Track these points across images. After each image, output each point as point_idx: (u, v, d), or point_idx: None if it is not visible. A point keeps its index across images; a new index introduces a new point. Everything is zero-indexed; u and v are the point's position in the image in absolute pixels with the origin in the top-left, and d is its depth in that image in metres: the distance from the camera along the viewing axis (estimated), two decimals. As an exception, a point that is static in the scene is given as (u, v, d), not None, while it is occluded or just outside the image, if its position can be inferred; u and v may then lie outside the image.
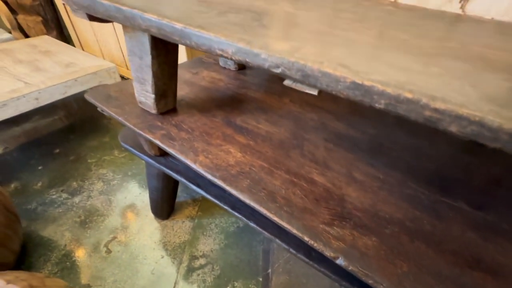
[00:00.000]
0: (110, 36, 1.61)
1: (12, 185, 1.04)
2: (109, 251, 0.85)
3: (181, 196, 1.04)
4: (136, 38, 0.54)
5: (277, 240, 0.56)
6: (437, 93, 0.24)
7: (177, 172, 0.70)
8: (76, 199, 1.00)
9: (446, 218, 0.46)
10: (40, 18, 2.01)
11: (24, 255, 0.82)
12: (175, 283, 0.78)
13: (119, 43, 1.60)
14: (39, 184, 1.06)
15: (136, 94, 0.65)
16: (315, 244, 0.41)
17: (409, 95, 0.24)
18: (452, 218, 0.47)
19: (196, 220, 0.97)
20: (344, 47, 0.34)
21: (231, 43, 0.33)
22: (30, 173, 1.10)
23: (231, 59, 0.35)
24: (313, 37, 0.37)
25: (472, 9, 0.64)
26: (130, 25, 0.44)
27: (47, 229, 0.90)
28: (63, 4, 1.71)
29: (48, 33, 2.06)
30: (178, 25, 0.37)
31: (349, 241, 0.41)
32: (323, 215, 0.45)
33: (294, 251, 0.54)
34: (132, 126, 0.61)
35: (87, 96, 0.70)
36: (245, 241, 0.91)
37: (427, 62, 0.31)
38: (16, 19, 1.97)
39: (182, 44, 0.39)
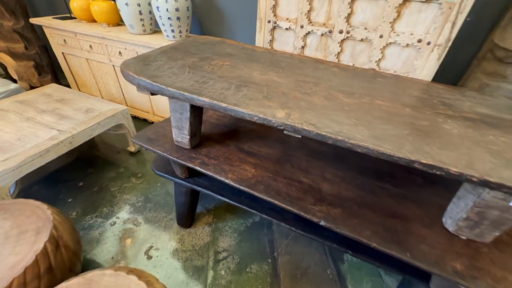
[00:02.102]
0: (111, 79, 1.84)
1: (50, 217, 1.22)
2: (149, 257, 1.08)
3: (197, 209, 1.30)
4: (179, 103, 0.83)
5: (282, 224, 0.87)
6: (352, 135, 0.58)
7: (204, 187, 0.98)
8: (110, 221, 1.22)
9: (378, 194, 0.81)
10: (32, 63, 2.18)
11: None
12: (207, 272, 1.04)
13: (119, 84, 1.84)
14: (74, 213, 1.25)
15: (174, 136, 0.93)
16: (307, 216, 0.72)
17: (340, 138, 0.57)
18: (381, 194, 0.81)
19: (213, 225, 1.23)
20: (311, 110, 0.67)
21: (255, 114, 0.65)
22: (62, 206, 1.28)
23: (252, 120, 0.66)
24: (295, 104, 0.69)
25: (384, 66, 1.03)
26: (187, 102, 0.74)
27: (94, 248, 1.10)
28: (62, 53, 1.92)
29: (42, 76, 2.22)
30: (223, 105, 0.67)
31: (326, 212, 0.73)
32: (309, 200, 0.77)
33: (294, 229, 0.85)
34: (175, 159, 0.89)
35: (134, 140, 0.96)
36: (254, 236, 1.20)
37: (350, 116, 0.65)
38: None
39: (224, 112, 0.69)
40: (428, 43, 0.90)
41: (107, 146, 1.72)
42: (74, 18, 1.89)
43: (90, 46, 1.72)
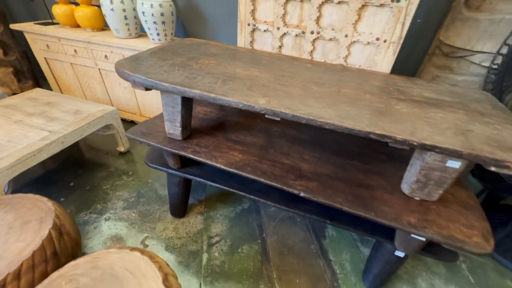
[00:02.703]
0: (97, 82, 1.88)
1: (44, 216, 1.24)
2: (146, 246, 1.15)
3: (189, 200, 1.38)
4: (171, 96, 0.92)
5: (269, 202, 0.98)
6: (321, 115, 0.70)
7: (196, 176, 1.07)
8: (106, 216, 1.27)
9: (349, 169, 0.94)
10: (10, 69, 2.15)
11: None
12: (202, 255, 1.12)
13: (105, 88, 1.88)
14: (68, 211, 1.28)
15: (166, 129, 1.02)
16: (289, 189, 0.83)
17: (311, 117, 0.70)
18: (351, 170, 0.94)
19: (205, 214, 1.32)
20: (288, 98, 0.79)
21: (240, 102, 0.75)
22: (55, 205, 1.31)
23: (237, 107, 0.77)
24: (274, 93, 0.81)
25: (350, 62, 1.18)
26: (178, 94, 0.83)
27: (91, 241, 1.15)
28: (44, 58, 1.92)
29: (22, 83, 2.20)
30: (212, 95, 0.77)
31: (304, 186, 0.85)
32: (291, 177, 0.88)
33: (279, 206, 0.97)
34: (169, 149, 0.98)
35: (128, 134, 1.03)
36: (243, 221, 1.29)
37: (320, 101, 0.78)
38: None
39: (213, 103, 0.79)
40: (385, 41, 1.05)
41: (95, 148, 1.75)
42: (57, 23, 1.91)
43: (75, 50, 1.75)
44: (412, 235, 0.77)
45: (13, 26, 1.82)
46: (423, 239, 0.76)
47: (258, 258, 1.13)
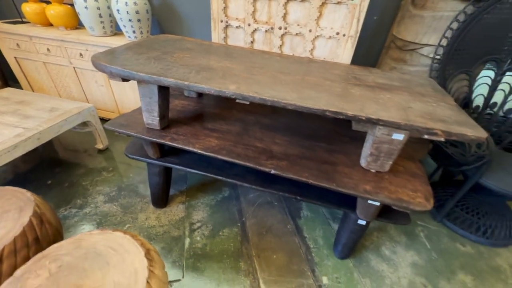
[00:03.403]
0: (72, 81, 1.86)
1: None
2: (129, 235, 1.18)
3: (170, 191, 1.42)
4: (148, 87, 0.97)
5: (245, 184, 1.06)
6: (284, 97, 0.79)
7: (175, 164, 1.13)
8: (86, 210, 1.28)
9: (315, 150, 1.04)
10: (-23, 71, 2.07)
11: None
12: (184, 239, 1.18)
13: (81, 86, 1.87)
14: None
15: (144, 119, 1.06)
16: (262, 168, 0.92)
17: (276, 99, 0.78)
18: (317, 150, 1.05)
19: (186, 203, 1.37)
20: (257, 85, 0.87)
21: (212, 88, 0.83)
22: (32, 203, 1.30)
23: (209, 93, 0.84)
24: (244, 81, 0.89)
25: (316, 55, 1.29)
26: (154, 83, 0.89)
27: (72, 234, 1.16)
28: (14, 58, 1.88)
29: (-10, 84, 2.12)
30: (186, 83, 0.84)
31: (275, 164, 0.94)
32: (263, 158, 0.97)
33: (254, 187, 1.05)
34: (148, 138, 1.02)
35: (107, 126, 1.07)
36: (224, 207, 1.36)
37: (285, 87, 0.87)
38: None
39: (187, 90, 0.86)
40: (344, 35, 1.17)
41: (73, 146, 1.74)
42: (27, 22, 1.87)
43: (48, 49, 1.73)
44: (369, 201, 0.88)
45: (-21, 25, 1.76)
46: (377, 203, 0.88)
47: (238, 239, 1.20)
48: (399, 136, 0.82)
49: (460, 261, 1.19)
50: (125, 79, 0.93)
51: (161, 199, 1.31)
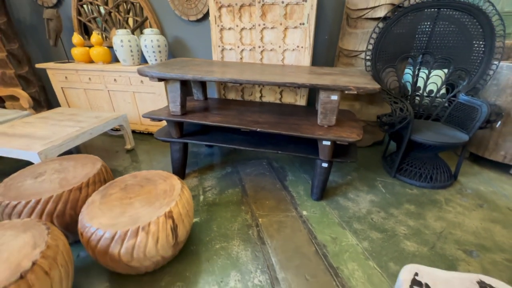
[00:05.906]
0: (105, 102, 2.40)
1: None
2: (158, 196, 1.58)
3: (186, 170, 1.85)
4: (173, 84, 1.49)
5: (241, 147, 1.52)
6: (258, 79, 1.30)
7: (192, 139, 1.59)
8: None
9: (288, 120, 1.52)
10: (26, 102, 2.62)
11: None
12: (199, 197, 1.58)
13: (112, 105, 2.40)
14: (94, 185, 1.69)
15: (170, 108, 1.56)
16: (252, 128, 1.39)
17: (251, 79, 1.29)
18: (290, 119, 1.52)
19: (199, 177, 1.79)
20: (245, 75, 1.39)
21: (215, 77, 1.34)
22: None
23: (213, 81, 1.35)
24: (237, 75, 1.41)
25: (286, 62, 1.85)
26: (178, 79, 1.40)
27: (116, 197, 1.57)
28: (61, 88, 2.45)
29: (37, 111, 2.66)
30: (199, 75, 1.36)
31: (260, 127, 1.41)
32: (252, 124, 1.44)
33: (247, 148, 1.50)
34: (174, 119, 1.51)
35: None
36: (227, 178, 1.78)
37: (269, 76, 1.39)
38: (4, 104, 2.55)
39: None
40: (302, 47, 1.73)
41: (107, 148, 2.20)
42: (73, 61, 2.49)
43: (89, 78, 2.31)
44: (323, 142, 1.33)
45: (39, 65, 2.36)
46: (328, 142, 1.33)
47: (239, 194, 1.60)
48: (335, 97, 1.30)
49: (407, 198, 1.58)
50: (160, 79, 1.45)
51: (180, 172, 1.74)
